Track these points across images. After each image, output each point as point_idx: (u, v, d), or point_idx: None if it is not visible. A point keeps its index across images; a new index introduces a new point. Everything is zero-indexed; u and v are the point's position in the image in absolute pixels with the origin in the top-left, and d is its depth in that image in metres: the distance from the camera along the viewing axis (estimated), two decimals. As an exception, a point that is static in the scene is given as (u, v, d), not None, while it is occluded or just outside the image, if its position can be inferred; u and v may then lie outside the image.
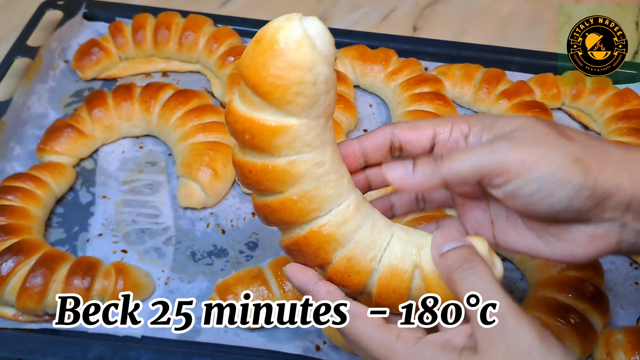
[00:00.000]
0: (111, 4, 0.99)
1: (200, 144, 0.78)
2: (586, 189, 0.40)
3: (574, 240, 0.43)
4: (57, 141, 0.79)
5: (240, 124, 0.41)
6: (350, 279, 0.43)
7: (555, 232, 0.44)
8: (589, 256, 0.43)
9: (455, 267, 0.40)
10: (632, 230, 0.42)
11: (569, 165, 0.40)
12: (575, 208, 0.41)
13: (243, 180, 0.43)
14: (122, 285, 0.66)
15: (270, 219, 0.44)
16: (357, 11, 1.11)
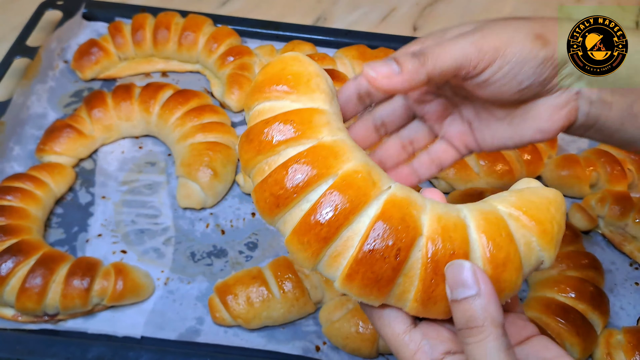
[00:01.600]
0: (110, 4, 0.99)
1: (199, 144, 0.78)
2: (548, 59, 0.43)
3: (539, 115, 0.46)
4: (56, 141, 0.78)
5: (274, 119, 0.41)
6: (452, 240, 0.38)
7: (522, 114, 0.47)
8: (554, 129, 0.46)
9: (458, 326, 0.37)
10: (586, 99, 0.46)
11: (531, 41, 0.43)
12: (541, 79, 0.44)
13: (288, 180, 0.39)
14: (121, 285, 0.66)
15: (336, 208, 0.39)
16: (357, 11, 1.11)
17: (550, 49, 0.43)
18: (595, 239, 0.78)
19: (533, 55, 0.43)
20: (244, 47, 0.92)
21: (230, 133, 0.81)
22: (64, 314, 0.65)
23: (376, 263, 0.37)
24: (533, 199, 0.41)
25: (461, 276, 0.37)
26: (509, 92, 0.44)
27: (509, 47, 0.42)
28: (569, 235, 0.71)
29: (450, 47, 0.42)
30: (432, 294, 0.38)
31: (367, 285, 0.38)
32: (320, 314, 0.66)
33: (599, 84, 0.45)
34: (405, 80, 0.41)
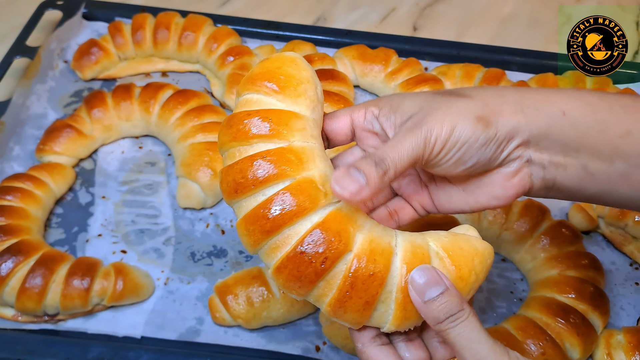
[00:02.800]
0: (110, 4, 0.99)
1: (199, 144, 0.78)
2: (489, 140, 0.45)
3: (492, 184, 0.48)
4: (56, 141, 0.78)
5: (256, 113, 0.44)
6: (376, 263, 0.42)
7: (476, 182, 0.49)
8: (509, 196, 0.48)
9: (441, 319, 0.43)
10: (537, 165, 0.47)
11: (473, 125, 0.45)
12: (485, 158, 0.46)
13: (250, 172, 0.43)
14: (121, 285, 0.66)
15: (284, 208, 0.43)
16: (357, 11, 1.11)
17: (492, 129, 0.45)
18: (596, 239, 0.78)
19: (475, 138, 0.45)
20: (244, 47, 0.92)
21: (230, 133, 0.81)
22: (64, 314, 0.65)
23: (303, 264, 0.41)
24: (463, 246, 0.45)
25: (426, 279, 0.43)
26: (456, 171, 0.47)
27: (452, 135, 0.45)
28: (569, 235, 0.71)
29: (402, 147, 0.44)
30: (344, 304, 0.42)
31: (291, 281, 0.42)
32: (320, 314, 0.66)
33: (550, 148, 0.47)
34: (372, 192, 0.43)
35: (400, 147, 0.44)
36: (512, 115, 0.46)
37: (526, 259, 0.71)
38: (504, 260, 0.75)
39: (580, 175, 0.47)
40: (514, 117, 0.46)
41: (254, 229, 0.42)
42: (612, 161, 0.46)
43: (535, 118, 0.46)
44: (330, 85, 0.86)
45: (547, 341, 0.62)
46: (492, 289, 0.71)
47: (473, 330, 0.42)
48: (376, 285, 0.42)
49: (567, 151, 0.47)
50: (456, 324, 0.42)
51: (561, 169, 0.47)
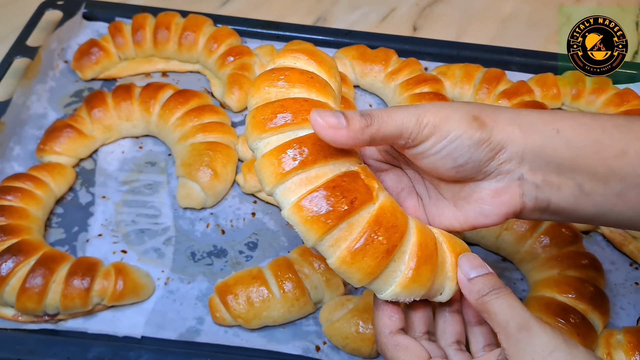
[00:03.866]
0: (111, 4, 0.99)
1: (200, 144, 0.78)
2: (483, 141, 0.45)
3: (481, 198, 0.48)
4: (56, 141, 0.78)
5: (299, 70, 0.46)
6: (397, 218, 0.43)
7: (466, 196, 0.49)
8: (498, 214, 0.48)
9: (484, 292, 0.45)
10: (530, 184, 0.47)
11: (468, 122, 0.45)
12: (476, 159, 0.46)
13: (293, 108, 0.43)
14: (121, 285, 0.66)
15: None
16: (357, 11, 1.11)
17: (487, 132, 0.45)
18: (595, 239, 0.78)
19: (468, 135, 0.45)
20: (244, 47, 0.92)
21: (230, 133, 0.81)
22: (64, 313, 0.65)
23: (329, 200, 0.41)
24: (455, 239, 0.49)
25: (476, 261, 0.47)
26: (444, 167, 0.46)
27: (445, 124, 0.45)
28: (568, 235, 0.71)
29: (394, 114, 0.45)
30: (365, 247, 0.42)
31: (315, 216, 0.41)
32: (320, 314, 0.66)
33: (543, 167, 0.47)
34: (349, 137, 0.43)
35: (392, 114, 0.45)
36: (507, 126, 0.46)
37: (526, 258, 0.71)
38: (504, 260, 0.75)
39: (575, 195, 0.47)
40: (508, 128, 0.46)
41: (285, 161, 0.42)
42: (608, 181, 0.46)
43: (529, 134, 0.46)
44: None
45: (547, 341, 0.62)
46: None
47: (513, 301, 0.44)
48: (397, 236, 0.43)
49: (561, 171, 0.46)
50: (499, 295, 0.45)
51: (555, 189, 0.47)
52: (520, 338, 0.43)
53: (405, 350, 0.46)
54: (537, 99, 0.90)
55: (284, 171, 0.42)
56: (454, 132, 0.45)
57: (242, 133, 0.83)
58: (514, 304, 0.44)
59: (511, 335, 0.43)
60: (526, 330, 0.43)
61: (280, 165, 0.42)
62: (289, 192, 0.42)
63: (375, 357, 0.65)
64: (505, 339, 0.43)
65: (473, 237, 0.75)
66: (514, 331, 0.43)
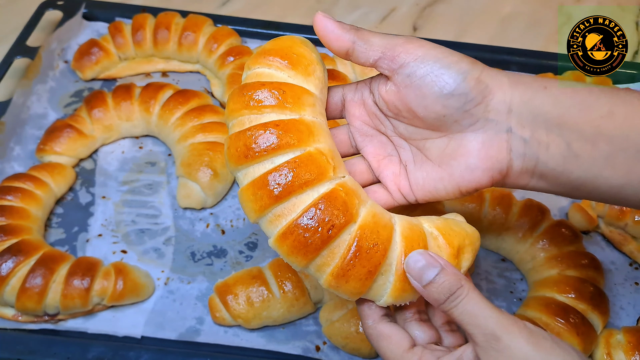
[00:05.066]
0: (111, 4, 0.99)
1: (200, 144, 0.78)
2: (472, 76, 0.45)
3: (468, 152, 0.47)
4: (56, 141, 0.78)
5: (270, 84, 0.45)
6: (379, 235, 0.44)
7: (451, 152, 0.48)
8: (483, 168, 0.46)
9: (442, 300, 0.43)
10: (518, 138, 0.46)
11: (459, 56, 0.46)
12: (462, 92, 0.45)
13: (263, 138, 0.43)
14: (121, 285, 0.66)
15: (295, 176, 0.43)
16: (357, 11, 1.11)
17: (478, 68, 0.46)
18: (595, 239, 0.78)
19: (458, 65, 0.45)
20: (244, 47, 0.92)
21: (230, 133, 0.81)
22: (64, 313, 0.65)
23: (310, 231, 0.42)
24: (454, 227, 0.47)
25: (422, 263, 0.43)
26: (431, 97, 0.45)
27: (434, 48, 0.46)
28: (568, 235, 0.71)
29: (381, 36, 0.47)
30: (347, 272, 0.43)
31: (296, 248, 0.43)
32: (320, 314, 0.66)
33: (531, 122, 0.46)
34: (335, 29, 0.47)
35: (382, 36, 0.47)
36: (496, 74, 0.46)
37: (526, 258, 0.71)
38: (503, 260, 0.75)
39: (564, 155, 0.45)
40: (498, 76, 0.46)
41: (262, 195, 0.43)
42: (596, 142, 0.45)
43: (517, 85, 0.46)
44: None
45: (546, 341, 0.62)
46: (492, 289, 0.71)
47: (475, 306, 0.42)
48: (379, 255, 0.43)
49: (549, 127, 0.45)
50: (457, 302, 0.42)
51: (544, 147, 0.46)
52: (488, 349, 0.41)
53: (387, 340, 0.46)
54: (537, 99, 0.90)
55: (262, 206, 0.43)
56: (446, 57, 0.45)
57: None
58: (477, 310, 0.42)
59: (480, 345, 0.41)
60: (494, 341, 0.41)
61: (258, 201, 0.43)
62: (271, 225, 0.44)
63: (375, 357, 0.65)
64: (477, 347, 0.42)
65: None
66: (482, 342, 0.41)
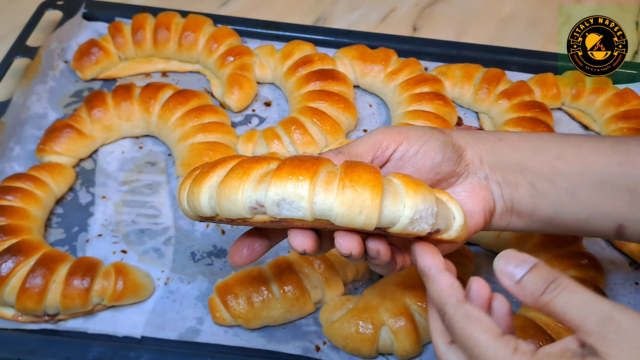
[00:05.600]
0: (111, 4, 0.99)
1: (200, 144, 0.78)
2: (448, 142, 0.52)
3: (462, 201, 0.52)
4: (56, 141, 0.78)
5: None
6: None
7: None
8: (477, 210, 0.52)
9: (540, 292, 0.40)
10: (494, 182, 0.53)
11: (431, 129, 0.52)
12: (448, 156, 0.51)
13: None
14: (121, 285, 0.66)
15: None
16: (357, 11, 1.11)
17: (448, 135, 0.52)
18: (595, 239, 0.77)
19: (435, 137, 0.51)
20: (244, 47, 0.92)
21: (230, 133, 0.81)
22: (64, 314, 0.65)
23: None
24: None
25: (515, 260, 0.42)
26: (425, 167, 0.51)
27: (410, 131, 0.51)
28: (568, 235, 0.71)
29: (362, 139, 0.52)
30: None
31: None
32: (320, 314, 0.66)
33: (499, 167, 0.53)
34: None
35: (361, 139, 0.52)
36: (460, 134, 0.53)
37: (526, 258, 0.71)
38: (503, 260, 0.75)
39: (531, 194, 0.52)
40: (462, 135, 0.53)
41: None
42: (555, 181, 0.51)
43: (480, 141, 0.53)
44: (330, 85, 0.86)
45: (546, 341, 0.62)
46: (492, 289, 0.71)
47: (581, 293, 0.39)
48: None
49: (514, 171, 0.52)
50: (559, 290, 0.39)
51: (514, 187, 0.52)
52: (607, 334, 0.37)
53: (477, 323, 0.41)
54: (537, 99, 0.90)
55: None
56: (420, 135, 0.51)
57: (242, 133, 0.83)
58: (581, 296, 0.38)
59: (594, 333, 0.37)
60: (612, 325, 0.37)
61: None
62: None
63: (375, 357, 0.65)
64: (588, 337, 0.38)
65: (473, 237, 0.75)
66: (597, 328, 0.37)
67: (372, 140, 0.51)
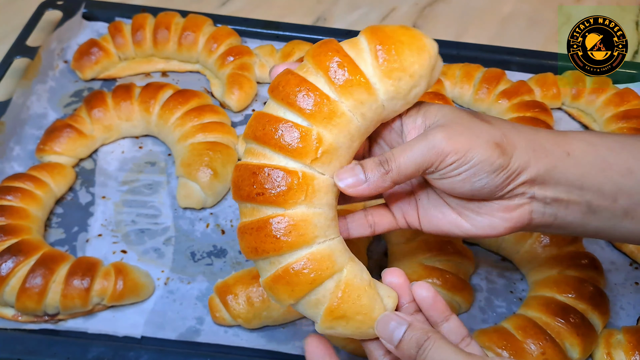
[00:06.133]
0: (110, 4, 0.99)
1: (199, 144, 0.78)
2: (502, 168, 0.46)
3: (492, 213, 0.49)
4: (56, 141, 0.78)
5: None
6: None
7: (475, 208, 0.49)
8: (506, 227, 0.49)
9: (413, 354, 0.44)
10: (540, 202, 0.48)
11: (491, 149, 0.45)
12: (493, 185, 0.46)
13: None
14: (121, 285, 0.66)
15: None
16: (357, 11, 1.11)
17: (506, 159, 0.46)
18: (595, 239, 0.78)
19: (490, 162, 0.45)
20: (244, 47, 0.92)
21: (230, 133, 0.81)
22: (64, 313, 0.65)
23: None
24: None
25: (390, 325, 0.45)
26: (461, 189, 0.47)
27: (468, 151, 0.45)
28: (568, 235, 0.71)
29: (412, 152, 0.45)
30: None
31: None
32: (321, 314, 0.66)
33: (553, 186, 0.48)
34: (370, 189, 0.46)
35: (410, 152, 0.45)
36: (524, 152, 0.47)
37: (526, 258, 0.71)
38: (503, 259, 0.75)
39: (583, 212, 0.48)
40: (525, 154, 0.47)
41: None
42: (616, 199, 0.48)
43: (543, 157, 0.47)
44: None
45: (547, 341, 0.62)
46: (491, 289, 0.71)
47: (443, 353, 0.43)
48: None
49: (571, 189, 0.48)
50: (427, 353, 0.43)
51: (563, 206, 0.48)
52: None
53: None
54: (537, 98, 0.90)
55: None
56: (476, 158, 0.45)
57: (241, 133, 0.83)
58: (444, 357, 0.43)
59: None
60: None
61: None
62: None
63: (375, 357, 0.65)
64: None
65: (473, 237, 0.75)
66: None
67: (422, 160, 0.45)
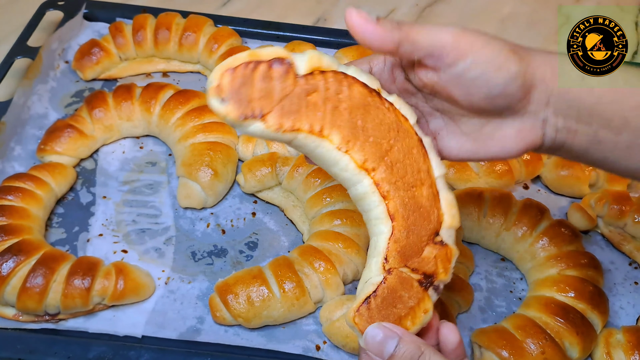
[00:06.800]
0: (111, 5, 0.99)
1: (200, 144, 0.78)
2: (519, 75, 0.45)
3: (504, 136, 0.48)
4: (57, 141, 0.79)
5: None
6: None
7: (488, 132, 0.49)
8: (518, 149, 0.49)
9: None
10: (552, 126, 0.48)
11: (507, 52, 0.44)
12: (509, 94, 0.45)
13: None
14: (122, 285, 0.66)
15: None
16: (357, 11, 1.11)
17: (524, 65, 0.45)
18: (595, 239, 0.78)
19: (507, 65, 0.44)
20: (245, 47, 0.92)
21: (230, 133, 0.81)
22: (65, 313, 0.66)
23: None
24: None
25: (380, 337, 0.44)
26: (478, 96, 0.46)
27: (484, 47, 0.44)
28: (568, 235, 0.71)
29: (430, 29, 0.44)
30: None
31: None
32: (321, 313, 0.66)
33: (565, 112, 0.47)
34: (376, 32, 0.43)
35: (428, 27, 0.44)
36: (541, 66, 0.46)
37: (525, 258, 0.72)
38: (503, 259, 0.75)
39: (589, 141, 0.48)
40: (542, 68, 0.46)
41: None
42: (620, 132, 0.47)
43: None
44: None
45: (546, 340, 0.62)
46: (491, 288, 0.72)
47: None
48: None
49: (581, 116, 0.47)
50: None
51: (572, 134, 0.48)
52: None
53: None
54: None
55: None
56: (492, 56, 0.44)
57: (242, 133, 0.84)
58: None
59: None
60: None
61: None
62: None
63: (375, 356, 0.65)
64: None
65: (473, 237, 0.75)
66: None
67: (438, 40, 0.43)
